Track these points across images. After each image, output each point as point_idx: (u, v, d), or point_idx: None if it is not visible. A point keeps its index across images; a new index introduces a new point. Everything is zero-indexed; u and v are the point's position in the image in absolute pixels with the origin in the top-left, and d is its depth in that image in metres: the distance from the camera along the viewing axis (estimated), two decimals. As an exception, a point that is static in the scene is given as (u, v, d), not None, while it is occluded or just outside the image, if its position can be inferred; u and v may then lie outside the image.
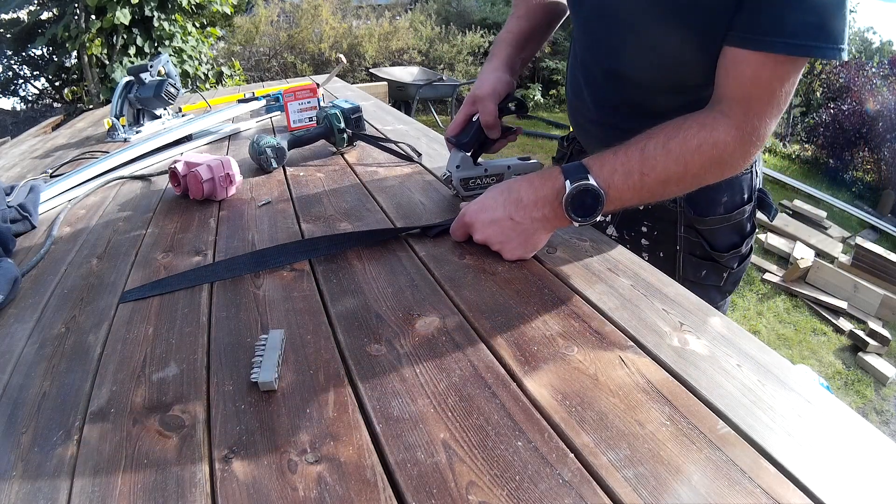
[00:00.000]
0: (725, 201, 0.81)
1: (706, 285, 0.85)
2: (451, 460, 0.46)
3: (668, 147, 0.63)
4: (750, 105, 0.62)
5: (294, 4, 6.77)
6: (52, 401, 0.56)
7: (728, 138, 0.62)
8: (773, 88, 0.61)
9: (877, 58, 6.90)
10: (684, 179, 0.65)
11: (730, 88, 0.64)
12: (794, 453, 0.46)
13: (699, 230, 0.82)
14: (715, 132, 0.62)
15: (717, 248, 0.82)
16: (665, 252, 0.85)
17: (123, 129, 1.67)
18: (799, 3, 0.57)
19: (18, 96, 5.00)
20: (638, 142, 0.65)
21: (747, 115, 0.62)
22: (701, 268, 0.84)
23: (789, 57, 0.59)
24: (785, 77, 0.61)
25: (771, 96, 0.62)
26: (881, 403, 2.28)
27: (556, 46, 7.32)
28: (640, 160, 0.64)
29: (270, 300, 0.71)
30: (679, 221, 0.82)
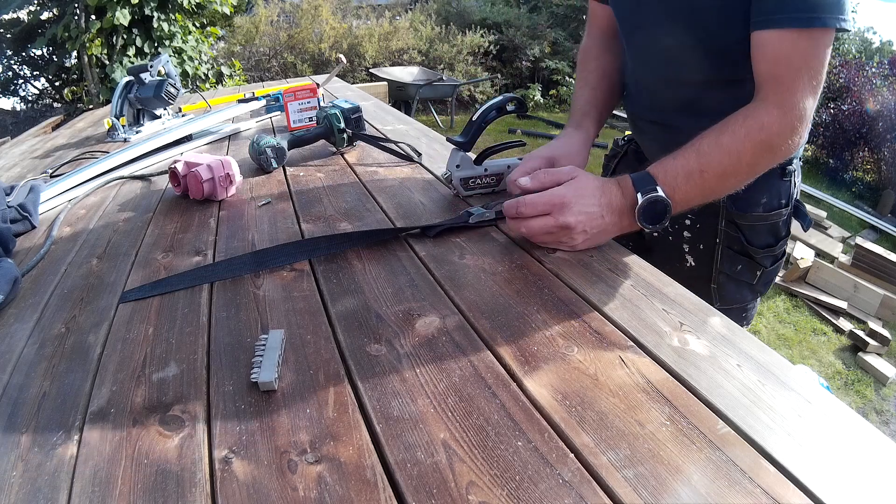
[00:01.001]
0: (764, 202, 0.85)
1: (740, 281, 0.89)
2: (451, 460, 0.46)
3: (719, 142, 0.68)
4: (780, 82, 0.67)
5: (294, 4, 6.77)
6: (52, 401, 0.56)
7: (770, 118, 0.67)
8: (796, 63, 0.67)
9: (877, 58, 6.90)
10: (739, 169, 0.69)
11: (760, 72, 0.69)
12: (794, 453, 0.46)
13: (739, 225, 0.86)
14: (757, 117, 0.68)
15: (753, 244, 0.87)
16: (705, 244, 0.89)
17: (123, 129, 1.67)
18: None
19: (18, 96, 5.00)
20: (692, 144, 0.70)
21: (781, 92, 0.67)
22: (737, 262, 0.88)
23: (801, 30, 0.65)
24: (806, 50, 0.66)
25: (797, 70, 0.67)
26: (881, 403, 2.28)
27: (556, 46, 7.33)
28: (697, 159, 0.68)
29: (270, 300, 0.71)
30: (721, 216, 0.87)
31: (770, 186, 0.85)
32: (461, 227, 0.88)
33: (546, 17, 7.57)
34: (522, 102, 0.98)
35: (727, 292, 0.89)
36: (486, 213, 0.89)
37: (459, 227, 0.87)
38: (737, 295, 0.85)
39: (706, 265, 0.84)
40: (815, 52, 0.67)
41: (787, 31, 0.66)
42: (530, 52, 7.02)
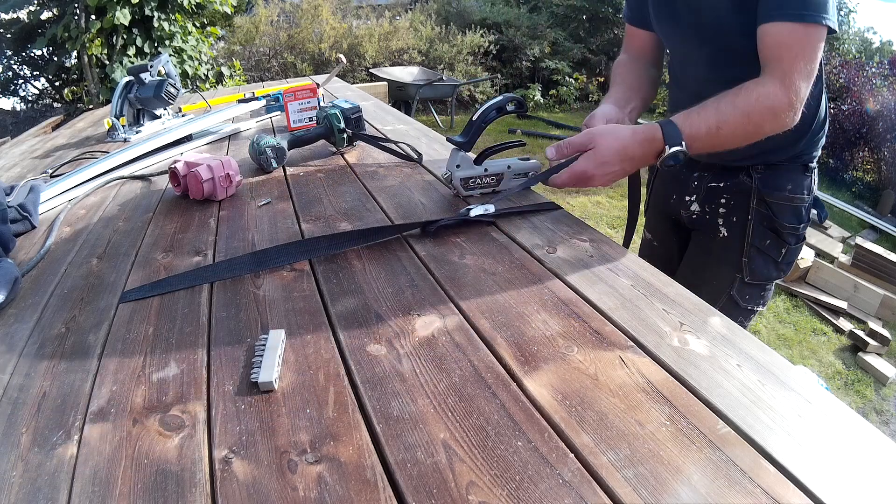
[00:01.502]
0: (789, 189, 0.99)
1: (768, 256, 1.01)
2: (451, 460, 0.46)
3: (735, 103, 0.81)
4: (782, 63, 0.81)
5: (294, 4, 6.77)
6: (53, 401, 0.56)
7: (776, 90, 0.80)
8: (794, 49, 0.81)
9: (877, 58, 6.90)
10: (748, 128, 0.82)
11: (765, 56, 0.83)
12: (794, 453, 0.46)
13: (768, 203, 1.00)
14: (766, 87, 0.81)
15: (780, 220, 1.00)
16: (738, 218, 1.02)
17: (123, 129, 1.67)
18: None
19: (18, 96, 5.00)
20: (712, 103, 0.83)
21: (783, 70, 0.81)
22: (766, 237, 1.01)
23: (797, 24, 0.80)
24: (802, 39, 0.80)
25: (795, 55, 0.80)
26: (881, 403, 2.28)
27: (556, 47, 7.32)
28: (717, 117, 0.82)
29: (270, 300, 0.71)
30: (752, 195, 1.00)
31: (794, 178, 0.99)
32: (462, 225, 0.88)
33: (546, 17, 7.57)
34: (522, 102, 0.98)
35: (756, 266, 1.00)
36: (487, 209, 0.89)
37: (460, 227, 0.87)
38: (764, 270, 1.00)
39: (738, 237, 1.00)
40: (808, 42, 0.80)
41: (785, 24, 0.80)
42: (530, 52, 7.02)
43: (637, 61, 1.09)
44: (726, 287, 1.03)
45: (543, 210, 0.95)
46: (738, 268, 1.02)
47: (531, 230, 0.87)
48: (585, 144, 0.82)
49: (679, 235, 1.19)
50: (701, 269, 1.08)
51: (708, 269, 1.06)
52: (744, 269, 1.01)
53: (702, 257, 1.09)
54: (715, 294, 1.04)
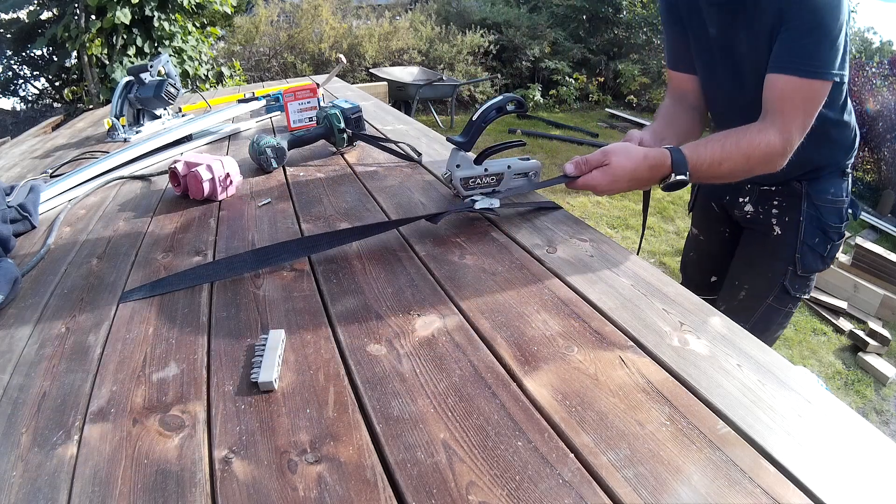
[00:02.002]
0: (833, 192, 1.09)
1: (816, 252, 1.11)
2: (451, 460, 0.46)
3: (738, 144, 0.89)
4: (783, 115, 0.88)
5: (294, 4, 6.77)
6: (53, 401, 0.56)
7: (773, 139, 0.88)
8: (796, 102, 0.87)
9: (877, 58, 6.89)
10: (744, 167, 0.90)
11: (768, 103, 0.90)
12: (795, 453, 0.46)
13: (816, 206, 1.10)
14: (767, 135, 0.88)
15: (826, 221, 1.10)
16: (790, 217, 1.12)
17: (123, 129, 1.67)
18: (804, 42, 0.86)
19: (18, 96, 4.99)
20: (718, 139, 0.90)
21: (784, 122, 0.88)
22: (815, 235, 1.11)
23: (801, 79, 0.86)
24: (805, 95, 0.87)
25: (796, 108, 0.87)
26: (881, 403, 2.28)
27: (556, 47, 7.32)
28: (721, 153, 0.89)
29: (270, 300, 0.71)
30: (803, 199, 1.10)
31: (835, 183, 1.10)
32: (462, 225, 0.88)
33: (546, 17, 7.56)
34: (522, 102, 0.98)
35: (807, 260, 1.11)
36: (493, 202, 0.89)
37: (460, 227, 0.87)
38: (813, 264, 1.11)
39: (792, 235, 1.11)
40: (811, 97, 0.87)
41: (792, 77, 0.86)
42: (530, 52, 7.02)
43: (678, 103, 1.17)
44: (780, 278, 1.13)
45: (545, 208, 0.95)
46: (791, 262, 1.12)
47: (531, 230, 0.87)
48: (601, 161, 0.88)
49: (727, 229, 1.30)
50: (757, 261, 1.18)
51: (763, 262, 1.17)
52: (796, 263, 1.12)
53: (757, 250, 1.19)
54: (770, 284, 1.15)
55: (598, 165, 0.87)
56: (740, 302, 1.18)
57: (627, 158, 0.86)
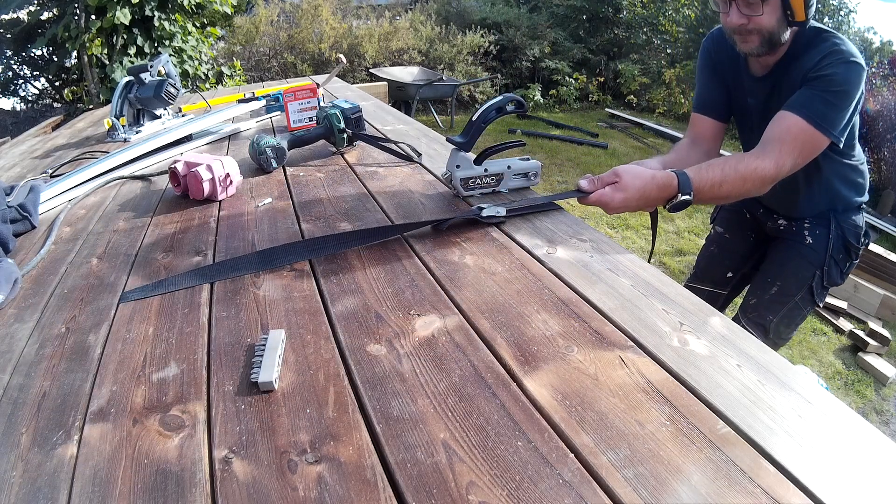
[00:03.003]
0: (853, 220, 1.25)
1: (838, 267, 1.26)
2: (451, 460, 0.46)
3: (737, 169, 0.99)
4: (782, 147, 0.98)
5: (294, 4, 6.76)
6: (53, 401, 0.56)
7: (770, 166, 0.98)
8: (797, 141, 0.98)
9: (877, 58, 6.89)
10: (741, 189, 1.00)
11: (771, 133, 1.00)
12: (795, 453, 0.46)
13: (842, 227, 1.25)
14: (764, 162, 0.98)
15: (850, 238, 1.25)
16: (820, 233, 1.25)
17: (123, 129, 1.67)
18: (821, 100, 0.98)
19: (18, 96, 4.99)
20: (719, 164, 0.99)
21: (781, 153, 0.98)
22: (840, 251, 1.25)
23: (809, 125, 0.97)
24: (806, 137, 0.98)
25: (795, 146, 0.98)
26: (881, 403, 2.28)
27: (556, 46, 7.32)
28: (721, 177, 0.98)
29: (270, 300, 0.71)
30: (831, 220, 1.24)
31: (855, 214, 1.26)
32: (462, 225, 0.88)
33: (546, 17, 7.56)
34: (522, 102, 0.98)
35: (832, 273, 1.25)
36: (499, 210, 0.90)
37: (460, 227, 0.88)
38: (835, 278, 1.27)
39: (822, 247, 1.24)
40: (810, 142, 0.98)
41: (802, 120, 0.97)
42: (530, 52, 7.01)
43: (694, 145, 1.26)
44: (808, 279, 1.25)
45: (549, 210, 0.95)
46: (820, 268, 1.24)
47: (531, 230, 0.87)
48: (612, 179, 0.93)
49: (753, 234, 1.41)
50: (790, 263, 1.29)
51: (795, 264, 1.28)
52: (823, 273, 1.25)
53: (791, 254, 1.29)
54: (800, 283, 1.26)
55: (610, 183, 0.92)
56: (772, 296, 1.28)
57: (637, 177, 0.92)
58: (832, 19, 6.90)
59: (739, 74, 1.17)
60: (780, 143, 0.99)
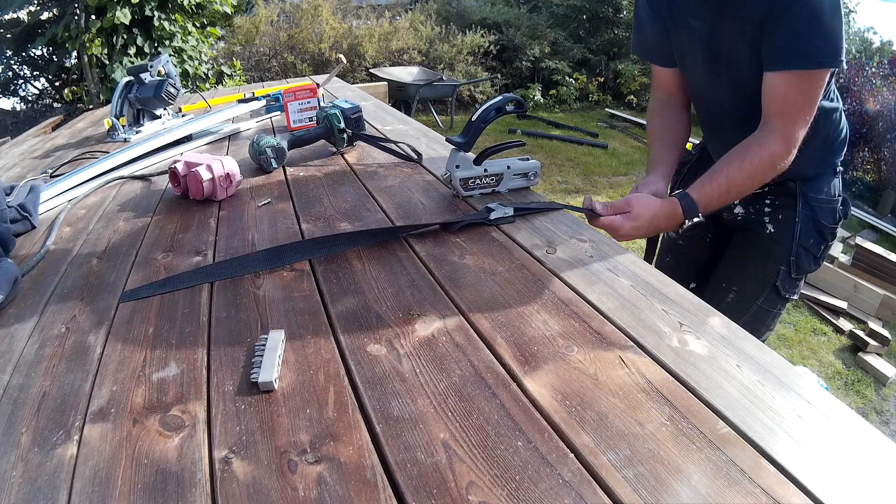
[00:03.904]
0: (826, 191, 1.07)
1: (809, 252, 1.09)
2: (451, 460, 0.46)
3: (742, 167, 0.90)
4: (786, 117, 0.86)
5: (294, 4, 6.76)
6: (53, 401, 0.57)
7: (777, 148, 0.88)
8: (798, 103, 0.85)
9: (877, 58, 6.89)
10: (753, 185, 0.93)
11: (769, 107, 0.88)
12: (795, 453, 0.46)
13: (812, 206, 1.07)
14: (770, 147, 0.88)
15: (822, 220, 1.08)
16: (784, 217, 1.09)
17: (123, 130, 1.67)
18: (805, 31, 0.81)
19: (18, 96, 4.99)
20: (722, 169, 0.91)
21: (786, 125, 0.87)
22: (811, 236, 1.08)
23: (802, 73, 0.83)
24: (806, 91, 0.85)
25: (798, 110, 0.86)
26: (881, 403, 2.28)
27: (556, 46, 7.32)
28: (727, 182, 0.91)
29: (270, 300, 0.71)
30: (798, 199, 1.07)
31: (827, 182, 1.08)
32: (470, 224, 0.88)
33: (546, 17, 7.56)
34: (522, 102, 0.98)
35: (802, 262, 1.08)
36: (507, 211, 0.90)
37: (460, 227, 0.88)
38: (806, 265, 1.08)
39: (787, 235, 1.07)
40: (812, 91, 0.85)
41: (791, 75, 0.84)
42: (530, 52, 7.02)
43: (667, 107, 1.14)
44: (771, 279, 1.09)
45: (552, 209, 0.95)
46: (785, 262, 1.08)
47: (531, 230, 0.87)
48: (624, 208, 0.92)
49: (709, 235, 1.25)
50: (748, 263, 1.14)
51: (754, 263, 1.12)
52: (791, 265, 1.09)
53: (748, 251, 1.15)
54: (761, 285, 1.10)
55: (622, 211, 0.91)
56: (728, 305, 1.12)
57: (648, 208, 0.91)
58: (832, 19, 6.88)
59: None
60: (780, 116, 0.87)
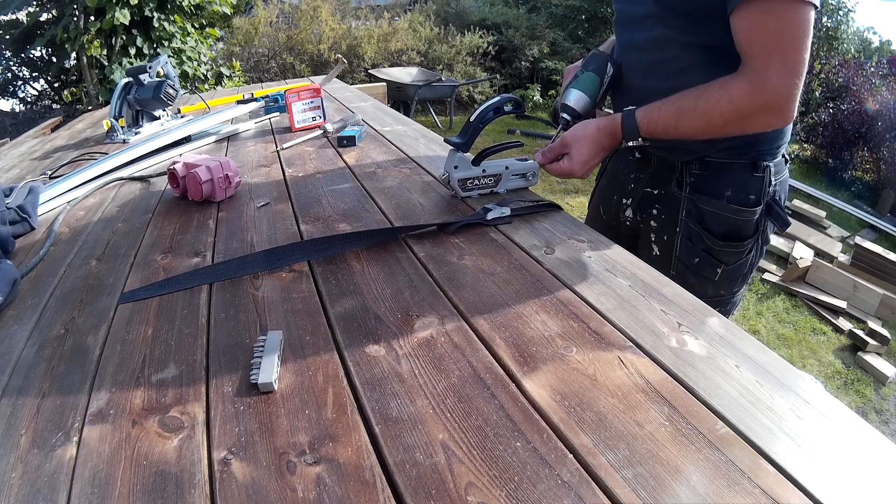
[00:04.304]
0: (728, 195, 0.87)
1: (700, 275, 0.92)
2: (450, 461, 0.46)
3: (696, 105, 0.77)
4: (754, 59, 0.72)
5: (293, 5, 6.77)
6: (52, 402, 0.56)
7: (740, 93, 0.73)
8: (767, 43, 0.70)
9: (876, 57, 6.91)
10: (708, 130, 0.78)
11: (741, 51, 0.74)
12: (794, 454, 0.46)
13: (701, 210, 0.89)
14: (730, 90, 0.74)
15: (712, 232, 0.88)
16: (668, 234, 0.93)
17: (122, 131, 1.67)
18: None
19: (17, 98, 4.99)
20: (676, 101, 0.79)
21: (755, 68, 0.72)
22: (695, 254, 0.90)
23: (765, 10, 0.69)
24: (775, 29, 0.70)
25: (768, 51, 0.70)
26: (881, 403, 2.28)
27: (555, 47, 7.33)
28: (676, 117, 0.79)
29: (269, 301, 0.71)
30: (682, 206, 0.91)
31: (738, 180, 0.86)
32: (462, 225, 0.88)
33: (545, 17, 7.58)
34: (520, 103, 0.98)
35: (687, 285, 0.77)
36: (504, 212, 0.90)
37: (459, 227, 0.88)
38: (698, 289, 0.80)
39: (667, 254, 0.92)
40: (785, 30, 0.69)
41: (750, 11, 0.70)
42: (529, 52, 7.03)
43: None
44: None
45: (550, 210, 0.95)
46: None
47: (529, 231, 0.88)
48: (562, 150, 0.89)
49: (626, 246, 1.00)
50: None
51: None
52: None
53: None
54: None
55: (562, 153, 0.89)
56: None
57: (584, 136, 0.86)
58: (832, 19, 6.90)
59: None
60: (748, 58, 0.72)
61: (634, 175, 1.01)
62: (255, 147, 1.47)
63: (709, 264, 0.89)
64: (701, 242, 0.89)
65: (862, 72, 6.06)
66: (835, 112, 5.91)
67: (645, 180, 0.99)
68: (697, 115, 0.77)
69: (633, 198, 1.01)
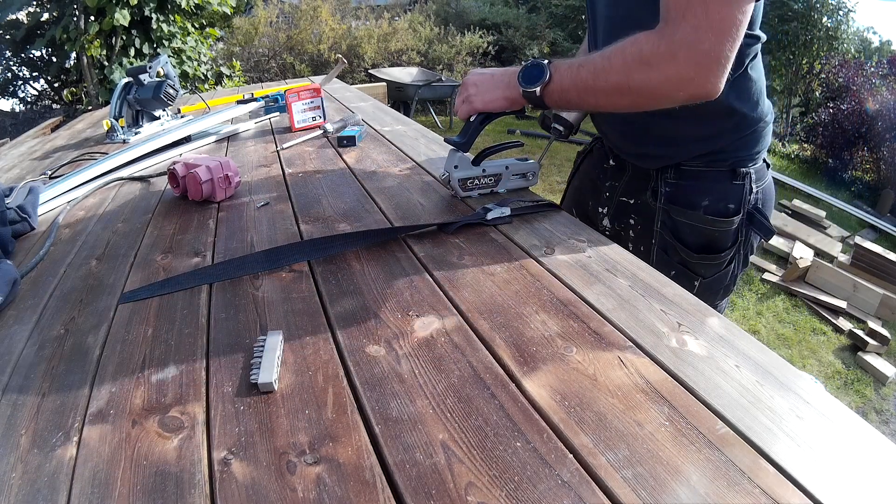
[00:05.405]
0: (706, 205, 0.84)
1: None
2: (450, 461, 0.46)
3: (606, 52, 0.72)
4: (671, 10, 0.66)
5: (293, 5, 6.77)
6: (52, 402, 0.56)
7: (646, 38, 0.68)
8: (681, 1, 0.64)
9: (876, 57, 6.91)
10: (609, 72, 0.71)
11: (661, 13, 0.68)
12: (794, 454, 0.46)
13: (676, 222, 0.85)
14: (641, 43, 0.68)
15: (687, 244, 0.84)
16: (644, 245, 0.91)
17: (122, 131, 1.67)
18: None
19: (17, 98, 5.00)
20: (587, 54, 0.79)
21: (667, 23, 0.66)
22: (671, 267, 0.86)
23: None
24: None
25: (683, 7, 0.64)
26: (881, 403, 2.28)
27: (555, 47, 7.34)
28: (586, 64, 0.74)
29: (269, 301, 0.71)
30: (657, 217, 0.87)
31: (716, 189, 0.82)
32: (462, 225, 0.88)
33: (545, 17, 7.59)
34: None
35: None
36: (504, 211, 0.90)
37: (459, 227, 0.88)
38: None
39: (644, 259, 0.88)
40: None
41: None
42: (529, 52, 7.04)
43: None
44: None
45: (550, 210, 0.95)
46: None
47: (529, 231, 0.88)
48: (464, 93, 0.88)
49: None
50: None
51: None
52: None
53: None
54: None
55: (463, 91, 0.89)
56: None
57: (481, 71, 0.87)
58: (831, 19, 6.90)
59: None
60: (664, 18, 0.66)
61: (609, 183, 0.99)
62: (255, 147, 1.47)
63: (685, 277, 0.86)
64: (676, 255, 0.86)
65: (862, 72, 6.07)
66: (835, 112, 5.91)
67: (620, 189, 0.95)
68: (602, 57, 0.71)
69: (608, 206, 0.99)
